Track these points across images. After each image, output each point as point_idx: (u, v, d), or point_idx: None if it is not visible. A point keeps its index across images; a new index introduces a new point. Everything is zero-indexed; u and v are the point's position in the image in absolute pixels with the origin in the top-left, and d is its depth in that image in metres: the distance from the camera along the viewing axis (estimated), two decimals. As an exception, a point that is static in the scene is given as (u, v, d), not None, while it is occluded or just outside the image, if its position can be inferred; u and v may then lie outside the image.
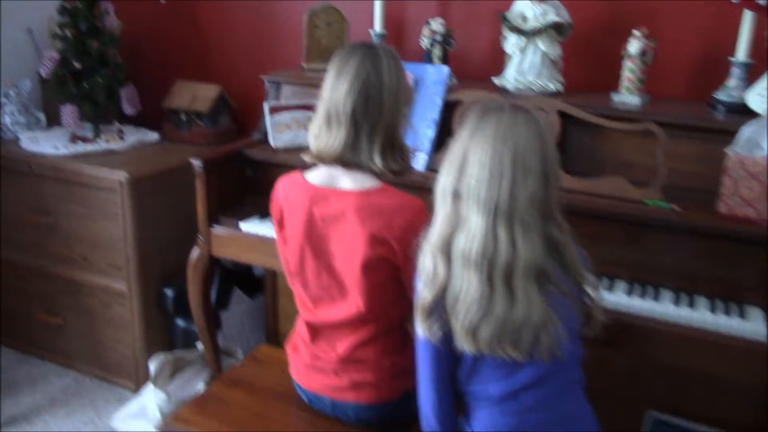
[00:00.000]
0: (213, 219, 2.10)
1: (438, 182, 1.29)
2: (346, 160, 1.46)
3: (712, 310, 1.63)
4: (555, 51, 2.06)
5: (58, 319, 2.66)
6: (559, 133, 1.88)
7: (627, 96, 2.01)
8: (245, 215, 2.10)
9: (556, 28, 2.02)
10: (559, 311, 1.22)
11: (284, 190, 1.57)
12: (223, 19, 2.78)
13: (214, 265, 2.18)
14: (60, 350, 2.74)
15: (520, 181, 1.20)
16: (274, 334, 2.60)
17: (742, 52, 1.91)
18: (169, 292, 2.51)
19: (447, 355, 1.31)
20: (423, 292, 1.28)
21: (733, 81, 1.93)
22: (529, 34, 2.03)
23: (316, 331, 1.59)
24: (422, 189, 1.59)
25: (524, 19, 2.06)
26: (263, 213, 2.10)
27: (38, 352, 2.80)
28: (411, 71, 2.03)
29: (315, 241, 1.50)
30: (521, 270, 1.20)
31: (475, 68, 2.30)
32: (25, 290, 2.70)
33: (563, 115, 1.90)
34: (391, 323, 1.55)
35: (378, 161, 1.45)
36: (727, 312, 1.62)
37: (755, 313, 1.62)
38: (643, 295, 1.69)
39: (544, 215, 1.22)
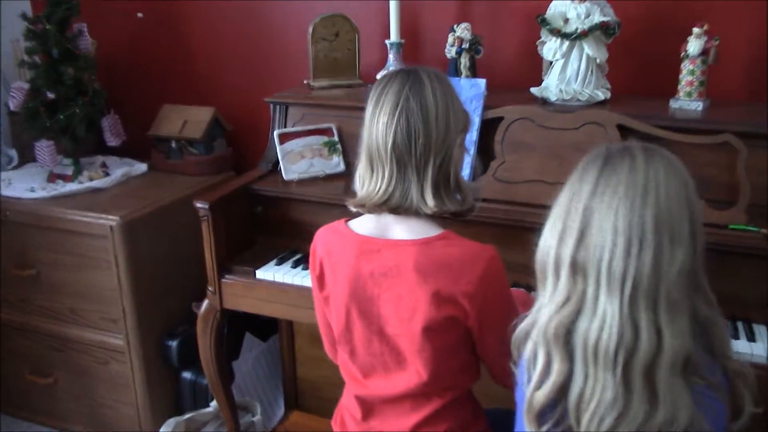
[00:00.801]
0: (223, 267, 1.83)
1: (548, 247, 1.02)
2: (394, 205, 1.22)
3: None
4: (602, 54, 1.82)
5: (49, 380, 2.37)
6: (619, 151, 1.64)
7: (687, 101, 1.79)
8: (260, 261, 1.84)
9: (603, 29, 1.78)
10: (705, 408, 0.96)
11: (325, 241, 1.32)
12: (212, 33, 2.49)
13: (226, 318, 1.92)
14: (55, 413, 2.45)
15: (667, 249, 0.93)
16: (292, 380, 2.33)
17: (817, 46, 1.69)
18: (173, 344, 2.23)
19: None
20: (534, 392, 1.01)
21: (807, 80, 1.72)
22: (573, 37, 1.79)
23: (368, 406, 1.34)
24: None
25: (566, 20, 1.81)
26: (280, 256, 1.85)
27: (32, 415, 2.51)
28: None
29: (364, 301, 1.26)
30: (667, 363, 0.94)
31: (507, 77, 2.06)
32: (12, 350, 2.41)
33: (622, 129, 1.67)
34: (460, 393, 1.31)
35: (431, 203, 1.21)
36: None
37: None
38: (735, 334, 1.47)
39: (691, 289, 0.97)
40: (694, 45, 1.75)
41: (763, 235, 1.50)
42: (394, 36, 2.05)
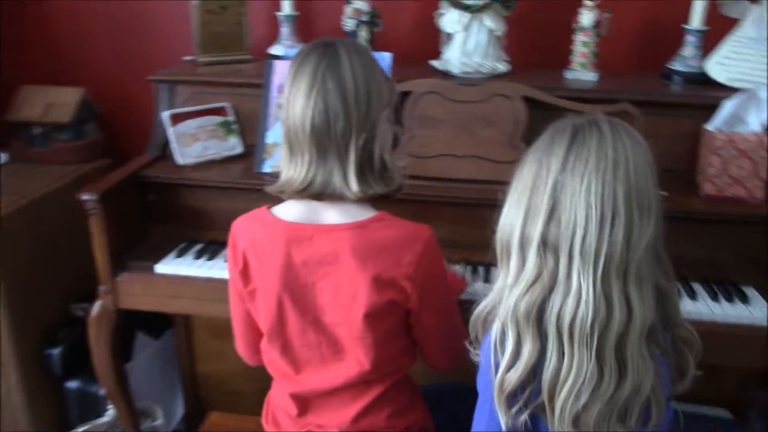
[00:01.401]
0: (118, 264, 1.66)
1: (512, 227, 0.98)
2: (315, 191, 1.15)
3: (714, 298, 1.52)
4: (501, 27, 1.83)
5: None
6: (526, 122, 1.67)
7: (581, 72, 1.85)
8: (157, 254, 1.69)
9: (502, 1, 1.79)
10: (660, 376, 0.98)
11: (247, 231, 1.22)
12: (78, 4, 2.24)
13: (122, 318, 1.75)
14: None
15: (637, 222, 0.92)
16: (192, 377, 2.19)
17: (697, 18, 1.80)
18: (54, 352, 2.01)
19: None
20: (504, 374, 0.98)
21: (688, 50, 1.82)
22: (475, 10, 1.78)
23: (304, 402, 1.27)
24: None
25: (465, -8, 1.81)
26: (179, 247, 1.71)
27: None
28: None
29: (297, 291, 1.18)
30: (636, 333, 0.94)
31: (404, 50, 2.01)
32: None
33: (527, 101, 1.69)
34: (399, 378, 1.28)
35: (355, 188, 1.14)
36: (729, 299, 1.52)
37: (754, 295, 1.54)
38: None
39: (655, 261, 0.97)
40: (586, 17, 1.81)
41: (664, 198, 1.59)
42: (286, 8, 1.94)
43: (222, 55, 1.99)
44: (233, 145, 1.83)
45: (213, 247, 1.71)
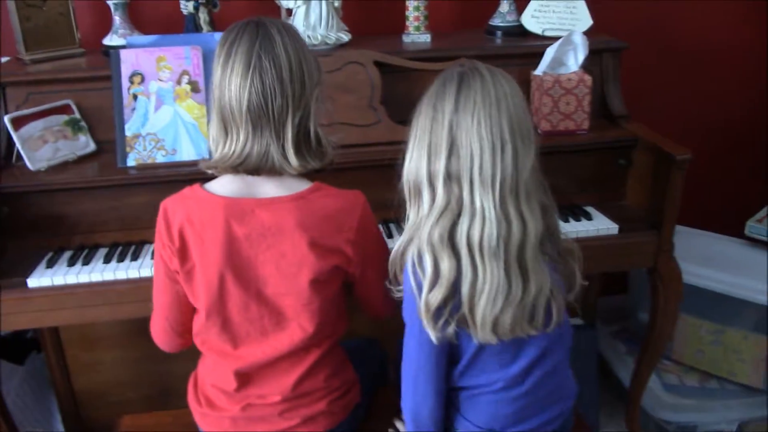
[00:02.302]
0: (-21, 286, 1.52)
1: (418, 168, 1.11)
2: (252, 166, 1.19)
3: (565, 220, 1.76)
4: (338, -2, 1.92)
5: None
6: (381, 85, 1.77)
7: (417, 35, 1.99)
8: (23, 268, 1.58)
9: (337, -27, 1.87)
10: (554, 279, 1.16)
11: (182, 209, 1.22)
12: None
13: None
14: None
15: (521, 149, 1.08)
16: (69, 395, 2.06)
17: (507, -21, 2.01)
18: None
19: (449, 353, 1.17)
20: (428, 295, 1.10)
21: (505, 6, 2.03)
22: (313, -17, 1.84)
23: (244, 376, 1.29)
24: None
25: (300, -34, 1.86)
26: (47, 258, 1.62)
27: None
28: (195, 43, 1.71)
29: (240, 265, 1.21)
30: (531, 244, 1.10)
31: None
32: None
33: (378, 65, 1.79)
34: (335, 341, 1.34)
35: (295, 162, 1.19)
36: (577, 219, 1.76)
37: (594, 212, 1.80)
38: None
39: (537, 180, 1.13)
40: (415, -17, 1.94)
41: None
42: (116, -5, 1.86)
43: (50, 50, 1.86)
44: (85, 143, 1.74)
45: (85, 252, 1.64)
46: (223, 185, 1.23)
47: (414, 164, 1.12)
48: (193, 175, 1.63)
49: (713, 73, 2.39)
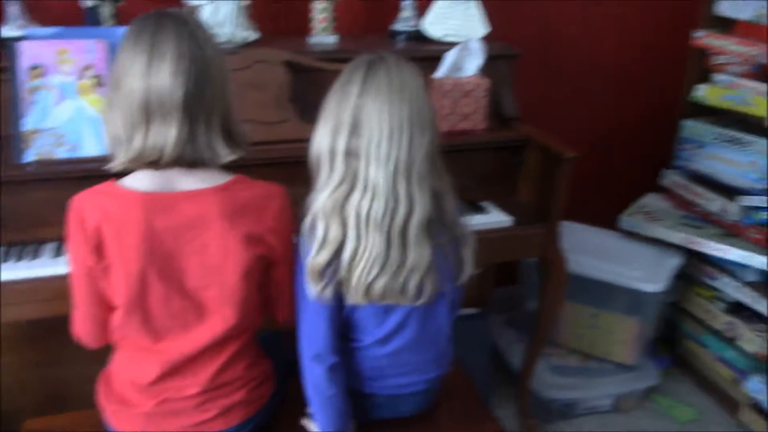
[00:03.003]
0: None
1: (321, 144, 1.22)
2: (188, 158, 1.20)
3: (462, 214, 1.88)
4: (245, -3, 1.94)
5: None
6: (289, 84, 1.82)
7: (323, 36, 2.04)
8: None
9: (245, -28, 1.89)
10: (439, 265, 1.27)
11: (98, 206, 1.20)
12: None
13: None
14: None
15: (418, 135, 1.20)
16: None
17: (406, -15, 2.11)
18: None
19: (338, 311, 1.29)
20: (315, 256, 1.22)
21: (406, 12, 2.13)
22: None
23: (162, 370, 1.29)
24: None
25: (206, -36, 1.86)
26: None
27: None
28: (100, 36, 1.68)
29: (163, 259, 1.21)
30: (416, 222, 1.22)
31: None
32: None
33: (287, 65, 1.83)
34: (252, 333, 1.37)
35: (223, 152, 1.23)
36: (473, 213, 1.89)
37: (489, 207, 1.93)
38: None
39: (432, 166, 1.24)
40: (321, -14, 2.00)
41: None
42: (10, -16, 1.79)
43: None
44: (-22, 138, 1.67)
45: (-17, 251, 1.58)
46: (141, 180, 1.22)
47: (318, 140, 1.23)
48: (97, 171, 1.62)
49: (596, 83, 2.62)
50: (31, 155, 1.61)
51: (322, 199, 1.22)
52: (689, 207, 2.42)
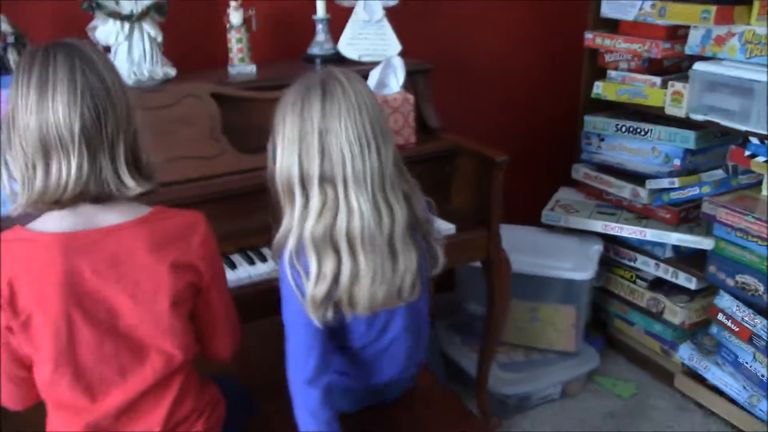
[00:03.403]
0: None
1: (290, 171, 1.21)
2: (93, 193, 1.14)
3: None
4: (159, 34, 1.89)
5: None
6: (219, 116, 1.79)
7: (243, 66, 2.04)
8: None
9: (157, 8, 1.85)
10: (418, 261, 1.31)
11: (8, 255, 1.12)
12: None
13: None
14: None
15: (383, 146, 1.23)
16: None
17: (321, 10, 2.14)
18: None
19: (330, 329, 1.30)
20: (314, 289, 1.21)
21: (321, 36, 2.16)
22: (134, 19, 1.80)
23: (105, 426, 1.21)
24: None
25: (117, 2, 1.81)
26: None
27: None
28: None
29: (88, 302, 1.14)
30: (400, 229, 1.25)
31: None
32: None
33: (214, 97, 1.81)
34: (191, 365, 1.30)
35: (131, 184, 1.16)
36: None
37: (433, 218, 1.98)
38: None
39: (399, 171, 1.27)
40: (236, 17, 1.99)
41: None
42: None
43: None
44: None
45: None
46: (53, 221, 1.15)
47: (286, 166, 1.22)
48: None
49: (499, 88, 2.75)
50: None
51: (308, 228, 1.21)
52: (601, 196, 2.58)
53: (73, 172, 1.10)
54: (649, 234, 2.36)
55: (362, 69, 2.03)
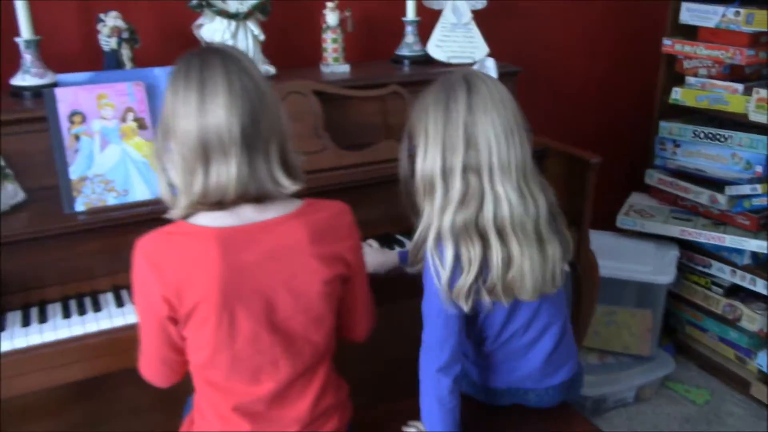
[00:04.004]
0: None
1: (433, 166, 1.25)
2: (253, 193, 1.17)
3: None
4: (261, 33, 1.94)
5: None
6: (322, 113, 1.83)
7: (336, 65, 2.08)
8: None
9: (261, 8, 1.90)
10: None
11: (173, 248, 1.16)
12: None
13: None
14: None
15: (524, 137, 1.27)
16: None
17: (411, 11, 2.17)
18: None
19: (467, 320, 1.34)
20: (462, 279, 1.25)
21: (410, 37, 2.20)
22: (240, 17, 1.86)
23: (256, 411, 1.25)
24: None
25: (224, 1, 1.86)
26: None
27: None
28: (134, 78, 1.65)
29: (248, 296, 1.17)
30: (543, 218, 1.29)
31: (163, 63, 1.97)
32: None
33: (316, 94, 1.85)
34: (331, 357, 1.34)
35: (286, 182, 1.20)
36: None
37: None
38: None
39: (533, 162, 1.31)
40: (332, 17, 2.04)
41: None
42: (26, 32, 1.71)
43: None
44: (13, 193, 1.58)
45: (37, 309, 1.49)
46: (213, 218, 1.18)
47: (429, 162, 1.26)
48: (149, 214, 1.58)
49: (576, 93, 2.77)
50: (80, 204, 1.54)
51: (447, 219, 1.24)
52: (675, 202, 2.58)
53: (233, 174, 1.14)
54: (728, 240, 2.36)
55: (450, 70, 2.08)
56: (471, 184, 1.24)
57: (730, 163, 2.42)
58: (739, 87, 2.34)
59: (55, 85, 1.64)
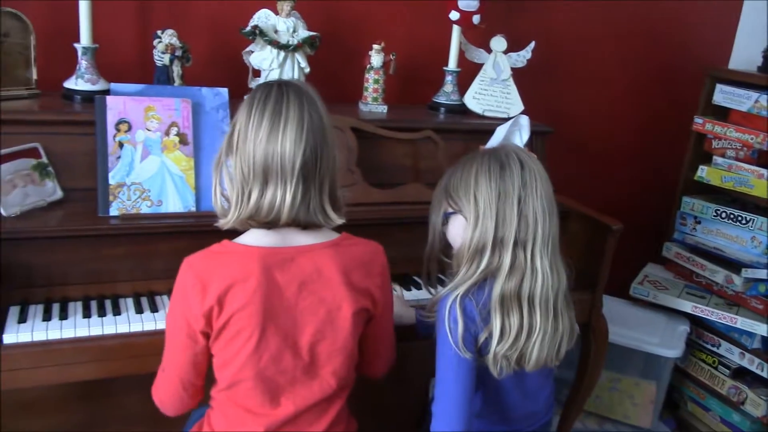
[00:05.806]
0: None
1: (484, 235, 1.30)
2: (302, 221, 1.24)
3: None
4: (307, 65, 2.01)
5: None
6: (356, 149, 1.89)
7: (375, 105, 2.13)
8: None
9: (310, 42, 1.97)
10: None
11: (221, 267, 1.21)
12: None
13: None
14: None
15: (556, 209, 1.32)
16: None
17: (453, 61, 2.24)
18: None
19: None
20: (498, 346, 1.29)
21: (449, 86, 2.26)
22: (290, 49, 1.93)
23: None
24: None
25: (276, 31, 1.93)
26: (9, 309, 1.49)
27: None
28: (183, 96, 1.71)
29: (279, 316, 1.22)
30: (562, 292, 1.33)
31: (213, 86, 2.03)
32: None
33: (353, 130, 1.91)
34: (348, 392, 1.38)
35: (334, 216, 1.27)
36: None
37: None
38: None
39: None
40: (376, 59, 2.10)
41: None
42: (85, 39, 1.79)
43: (7, 89, 1.73)
44: (51, 190, 1.63)
45: (59, 305, 1.53)
46: (257, 237, 1.25)
47: (482, 232, 1.31)
48: (179, 226, 1.63)
49: (606, 159, 2.81)
50: (115, 209, 1.59)
51: (498, 288, 1.29)
52: (690, 277, 2.59)
53: (288, 201, 1.20)
54: (740, 322, 2.36)
55: (483, 123, 2.14)
56: (518, 257, 1.29)
57: (749, 246, 2.44)
58: (765, 172, 2.37)
59: (107, 92, 1.71)
